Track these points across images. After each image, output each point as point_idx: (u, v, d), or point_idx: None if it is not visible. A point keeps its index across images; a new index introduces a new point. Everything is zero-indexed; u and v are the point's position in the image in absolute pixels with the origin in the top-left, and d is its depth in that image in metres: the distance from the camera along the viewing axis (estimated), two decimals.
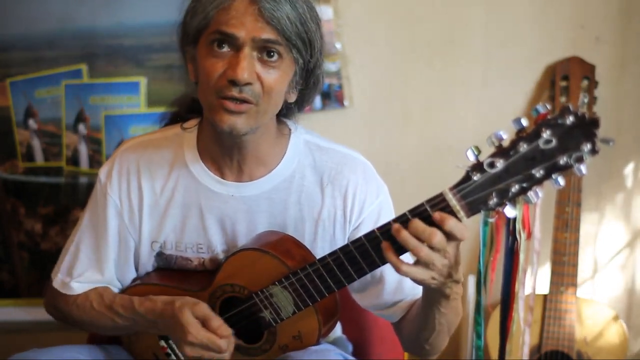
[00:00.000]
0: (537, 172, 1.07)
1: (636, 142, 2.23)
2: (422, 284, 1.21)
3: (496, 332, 1.28)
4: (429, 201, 1.15)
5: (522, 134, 1.07)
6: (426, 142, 2.27)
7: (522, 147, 1.07)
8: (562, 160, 1.05)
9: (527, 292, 1.20)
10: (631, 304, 2.35)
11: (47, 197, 2.33)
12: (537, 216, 1.15)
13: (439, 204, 1.14)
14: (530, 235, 1.15)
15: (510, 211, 1.10)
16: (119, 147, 1.52)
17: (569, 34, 2.17)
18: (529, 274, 1.18)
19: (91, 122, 2.26)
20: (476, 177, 1.10)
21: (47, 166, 2.31)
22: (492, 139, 1.09)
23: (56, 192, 2.32)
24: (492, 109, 2.23)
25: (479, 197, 1.11)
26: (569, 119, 1.05)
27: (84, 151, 2.28)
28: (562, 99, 2.13)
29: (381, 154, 2.24)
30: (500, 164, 1.08)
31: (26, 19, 2.19)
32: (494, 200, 1.10)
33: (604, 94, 2.16)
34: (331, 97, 2.21)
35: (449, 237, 1.13)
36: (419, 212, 1.15)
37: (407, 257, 1.19)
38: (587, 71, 2.13)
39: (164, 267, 1.51)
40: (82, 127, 2.26)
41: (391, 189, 1.50)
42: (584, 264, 2.29)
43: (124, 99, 2.23)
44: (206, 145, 1.44)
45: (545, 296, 2.17)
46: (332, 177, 1.44)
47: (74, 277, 1.50)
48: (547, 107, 1.08)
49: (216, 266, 1.45)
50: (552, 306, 2.16)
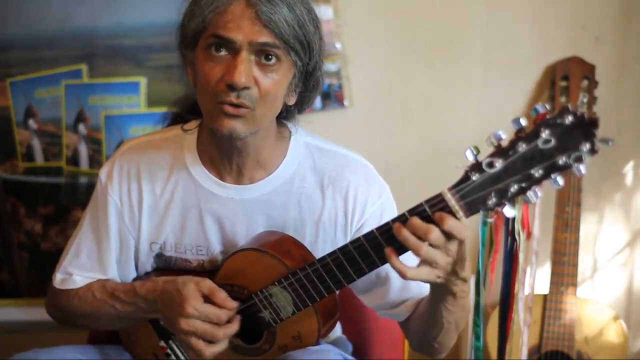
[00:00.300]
0: (536, 172, 1.07)
1: (636, 142, 2.23)
2: (428, 281, 1.20)
3: (496, 332, 1.28)
4: (428, 201, 1.15)
5: (521, 134, 1.07)
6: (426, 142, 2.27)
7: (521, 147, 1.06)
8: (561, 160, 1.05)
9: (526, 292, 1.20)
10: (631, 304, 2.35)
11: (47, 197, 2.33)
12: (537, 216, 1.15)
13: (438, 204, 1.13)
14: (529, 235, 1.15)
15: (509, 211, 1.10)
16: (119, 148, 1.52)
17: (569, 34, 2.17)
18: (528, 274, 1.18)
19: (91, 122, 2.26)
20: (475, 177, 1.10)
21: (47, 166, 2.31)
22: (491, 139, 1.09)
23: (56, 192, 2.32)
24: (492, 109, 2.23)
25: (477, 197, 1.11)
26: (568, 118, 1.04)
27: (84, 151, 2.28)
28: (562, 99, 2.13)
29: (381, 154, 2.25)
30: (499, 164, 1.08)
31: (26, 19, 2.19)
32: (492, 200, 1.10)
33: (604, 94, 2.16)
34: (331, 97, 2.21)
35: (449, 237, 1.14)
36: (418, 212, 1.15)
37: (409, 258, 1.19)
38: (587, 71, 2.13)
39: (163, 268, 1.51)
40: (82, 127, 2.27)
41: (391, 189, 1.50)
42: (584, 264, 2.29)
43: (123, 99, 2.24)
44: (206, 147, 1.44)
45: (545, 296, 2.17)
46: (332, 179, 1.43)
47: (75, 274, 1.51)
48: (546, 107, 1.08)
49: (215, 267, 1.45)
50: (552, 306, 2.16)
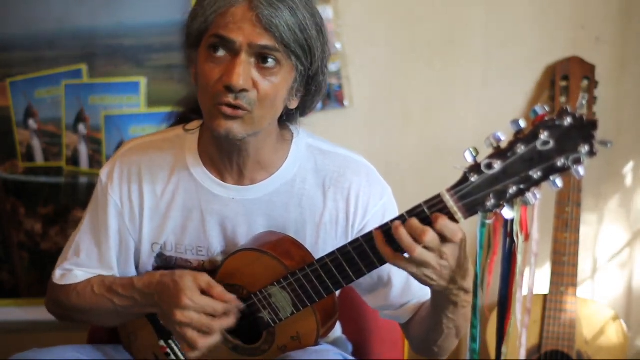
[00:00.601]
0: (535, 174, 1.06)
1: (636, 142, 2.23)
2: (420, 280, 1.21)
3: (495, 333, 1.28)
4: (426, 202, 1.15)
5: (520, 135, 1.07)
6: (426, 142, 2.27)
7: (520, 149, 1.06)
8: (559, 161, 1.05)
9: (524, 293, 1.20)
10: (631, 304, 2.35)
11: (47, 197, 2.33)
12: (535, 218, 1.15)
13: (436, 205, 1.14)
14: (528, 237, 1.15)
15: (508, 213, 1.10)
16: (120, 148, 1.52)
17: (569, 34, 2.17)
18: (526, 276, 1.17)
19: (91, 122, 2.26)
20: (474, 178, 1.10)
21: (47, 166, 2.31)
22: (490, 140, 1.09)
23: (56, 192, 2.32)
24: (492, 109, 2.23)
25: (476, 199, 1.11)
26: (567, 120, 1.04)
27: (84, 151, 2.28)
28: (562, 99, 2.13)
29: (381, 154, 2.25)
30: (497, 165, 1.08)
31: (26, 19, 2.20)
32: (491, 201, 1.10)
33: (604, 94, 2.16)
34: (331, 97, 2.21)
35: (443, 238, 1.14)
36: (416, 213, 1.15)
37: None
38: (587, 71, 2.13)
39: (163, 267, 1.51)
40: (82, 127, 2.27)
41: (391, 189, 1.50)
42: (584, 264, 2.29)
43: (124, 99, 2.24)
44: (207, 148, 1.44)
45: (545, 296, 2.17)
46: (334, 180, 1.43)
47: (75, 269, 1.51)
48: (545, 108, 1.08)
49: (215, 268, 1.45)
50: (552, 306, 2.16)
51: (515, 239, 1.14)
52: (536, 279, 2.31)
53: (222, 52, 1.26)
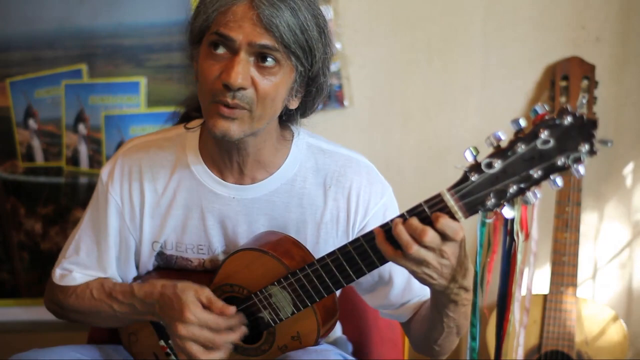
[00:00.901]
0: (535, 173, 1.07)
1: (636, 142, 2.23)
2: (420, 279, 1.21)
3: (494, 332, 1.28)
4: (427, 202, 1.15)
5: (520, 135, 1.07)
6: (426, 142, 2.27)
7: (520, 148, 1.07)
8: (560, 161, 1.05)
9: (523, 293, 1.20)
10: (631, 304, 2.35)
11: (47, 197, 2.33)
12: (535, 217, 1.15)
13: (437, 204, 1.14)
14: (528, 236, 1.15)
15: (508, 212, 1.10)
16: (121, 147, 1.52)
17: (569, 34, 2.17)
18: (525, 275, 1.18)
19: (91, 122, 2.26)
20: (474, 177, 1.10)
21: (47, 166, 2.31)
22: (491, 140, 1.09)
23: (56, 192, 2.32)
24: (492, 109, 2.23)
25: (476, 198, 1.11)
26: (567, 119, 1.04)
27: (84, 151, 2.28)
28: (562, 99, 2.13)
29: (381, 154, 2.25)
30: (498, 165, 1.08)
31: (26, 19, 2.20)
32: (491, 200, 1.10)
33: (604, 94, 2.16)
34: (331, 97, 2.21)
35: (443, 237, 1.14)
36: (417, 212, 1.15)
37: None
38: (587, 71, 2.13)
39: (164, 266, 1.52)
40: (82, 127, 2.27)
41: (391, 188, 1.50)
42: (584, 264, 2.29)
43: (124, 99, 2.24)
44: (207, 147, 1.44)
45: (545, 296, 2.17)
46: (335, 179, 1.44)
47: (74, 272, 1.51)
48: (545, 107, 1.08)
49: (216, 267, 1.45)
50: (552, 306, 2.16)
51: (515, 238, 1.14)
52: (536, 279, 2.32)
53: (222, 50, 1.26)
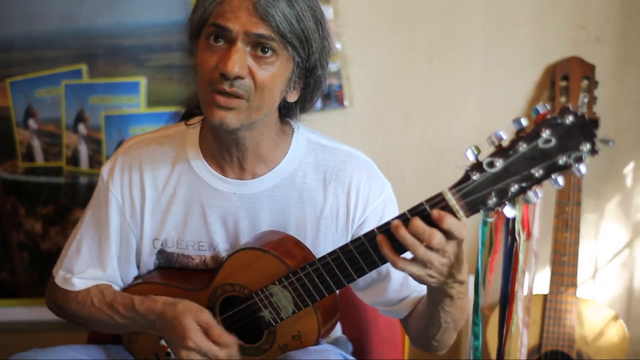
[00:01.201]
0: (537, 172, 1.07)
1: (636, 142, 2.23)
2: (420, 281, 1.21)
3: (496, 332, 1.28)
4: (428, 201, 1.15)
5: (521, 134, 1.07)
6: (426, 142, 2.27)
7: (522, 147, 1.07)
8: (561, 160, 1.05)
9: (525, 292, 1.20)
10: (631, 304, 2.35)
11: (47, 197, 2.33)
12: (536, 216, 1.15)
13: (438, 203, 1.14)
14: (529, 235, 1.15)
15: (509, 211, 1.10)
16: (121, 145, 1.53)
17: (569, 34, 2.17)
18: (527, 275, 1.18)
19: (91, 122, 2.26)
20: (475, 176, 1.10)
21: (47, 166, 2.31)
22: (492, 139, 1.09)
23: (56, 192, 2.32)
24: (492, 109, 2.23)
25: (478, 197, 1.11)
26: (569, 118, 1.05)
27: (84, 151, 2.28)
28: (562, 99, 2.13)
29: (381, 154, 2.25)
30: (499, 164, 1.08)
31: (26, 19, 2.19)
32: (493, 200, 1.10)
33: (604, 94, 2.16)
34: (331, 97, 2.21)
35: (448, 236, 1.14)
36: (419, 211, 1.15)
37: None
38: (587, 71, 2.13)
39: (165, 265, 1.52)
40: (82, 127, 2.26)
41: (391, 188, 1.50)
42: (584, 264, 2.29)
43: (124, 99, 2.23)
44: (207, 142, 1.44)
45: (545, 296, 2.17)
46: (335, 175, 1.44)
47: (75, 274, 1.51)
48: (547, 107, 1.08)
49: (218, 264, 1.45)
50: (552, 306, 2.16)
51: (517, 237, 1.14)
52: (536, 279, 2.32)
53: (219, 41, 1.27)
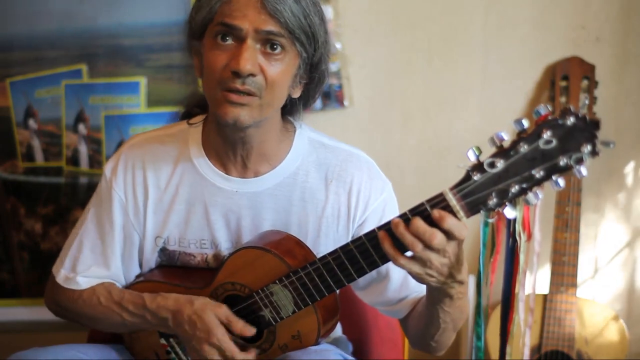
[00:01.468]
0: (537, 173, 1.07)
1: (636, 142, 2.23)
2: (420, 280, 1.21)
3: (497, 332, 1.28)
4: (429, 201, 1.15)
5: (522, 135, 1.08)
6: (426, 142, 2.27)
7: (523, 148, 1.07)
8: (562, 161, 1.05)
9: (526, 292, 1.20)
10: (631, 304, 2.35)
11: (47, 197, 2.33)
12: (537, 217, 1.15)
13: (439, 203, 1.14)
14: (530, 236, 1.15)
15: (510, 212, 1.10)
16: (124, 144, 1.53)
17: (569, 34, 2.17)
18: (528, 275, 1.18)
19: (91, 122, 2.26)
20: (476, 177, 1.10)
21: (47, 166, 2.31)
22: (493, 139, 1.09)
23: (56, 192, 2.32)
24: (492, 109, 2.23)
25: (478, 197, 1.11)
26: (570, 120, 1.05)
27: (84, 151, 2.28)
28: (562, 99, 2.13)
29: (381, 154, 2.24)
30: (500, 164, 1.08)
31: (26, 18, 2.19)
32: (493, 200, 1.10)
33: (604, 94, 2.16)
34: (331, 97, 2.21)
35: (448, 236, 1.14)
36: (419, 211, 1.15)
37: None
38: (587, 71, 2.13)
39: (166, 263, 1.52)
40: (82, 127, 2.26)
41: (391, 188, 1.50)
42: (584, 264, 2.29)
43: (124, 99, 2.23)
44: (211, 140, 1.45)
45: (545, 296, 2.17)
46: (336, 174, 1.44)
47: (79, 272, 1.50)
48: (548, 108, 1.08)
49: (219, 262, 1.45)
50: (552, 306, 2.16)
51: (517, 238, 1.14)
52: (537, 279, 2.31)
53: (227, 40, 1.27)
